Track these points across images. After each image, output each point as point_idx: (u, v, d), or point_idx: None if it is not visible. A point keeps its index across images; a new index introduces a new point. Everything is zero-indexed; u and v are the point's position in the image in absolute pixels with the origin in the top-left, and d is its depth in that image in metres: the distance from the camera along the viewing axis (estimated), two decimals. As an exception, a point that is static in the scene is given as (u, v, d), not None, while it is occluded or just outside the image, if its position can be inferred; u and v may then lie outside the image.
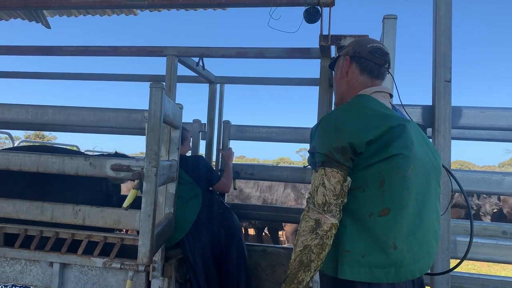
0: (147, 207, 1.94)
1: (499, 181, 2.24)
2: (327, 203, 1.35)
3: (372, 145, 1.36)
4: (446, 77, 2.17)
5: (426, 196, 1.44)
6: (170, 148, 2.47)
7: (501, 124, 2.25)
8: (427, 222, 1.44)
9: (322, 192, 1.36)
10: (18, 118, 2.34)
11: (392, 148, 1.36)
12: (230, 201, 5.94)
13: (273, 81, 3.81)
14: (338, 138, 1.37)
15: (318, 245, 1.33)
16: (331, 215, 1.35)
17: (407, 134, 1.40)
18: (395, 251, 1.35)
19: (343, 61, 1.66)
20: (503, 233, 2.45)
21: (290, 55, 2.76)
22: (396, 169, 1.36)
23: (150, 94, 1.97)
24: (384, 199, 1.36)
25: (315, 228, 1.34)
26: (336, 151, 1.36)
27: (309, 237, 1.35)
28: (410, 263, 1.38)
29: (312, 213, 1.37)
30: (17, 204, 2.25)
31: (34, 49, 3.20)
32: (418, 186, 1.41)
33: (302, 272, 1.34)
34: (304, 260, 1.34)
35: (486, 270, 6.83)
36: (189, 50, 2.81)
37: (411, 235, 1.38)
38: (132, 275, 2.23)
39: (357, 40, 1.68)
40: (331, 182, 1.36)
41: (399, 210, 1.36)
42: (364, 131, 1.36)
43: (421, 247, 1.42)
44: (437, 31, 2.20)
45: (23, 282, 2.39)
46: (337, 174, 1.36)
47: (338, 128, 1.39)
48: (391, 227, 1.35)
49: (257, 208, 4.41)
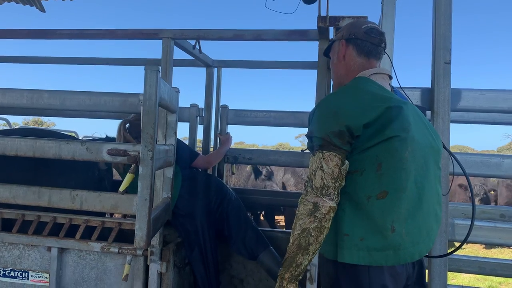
0: (143, 191, 1.93)
1: (498, 164, 2.23)
2: (325, 186, 1.35)
3: (369, 128, 1.35)
4: (445, 59, 2.14)
5: (426, 179, 1.43)
6: (167, 132, 2.44)
7: (501, 107, 2.24)
8: (427, 204, 1.43)
9: (320, 176, 1.36)
10: (13, 102, 2.32)
11: (389, 131, 1.35)
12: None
13: (271, 65, 3.77)
14: (335, 122, 1.37)
15: (317, 228, 1.33)
16: (329, 198, 1.34)
17: (404, 116, 1.39)
18: (393, 233, 1.35)
19: (339, 45, 1.64)
20: (501, 216, 2.46)
21: (288, 37, 2.72)
22: (393, 152, 1.35)
23: (145, 77, 1.94)
24: (382, 182, 1.35)
25: (314, 211, 1.34)
26: (334, 134, 1.36)
27: (307, 220, 1.34)
28: (409, 245, 1.38)
29: (310, 196, 1.37)
30: (14, 189, 2.24)
31: (28, 32, 3.15)
32: (417, 169, 1.40)
33: (301, 256, 1.35)
34: (303, 243, 1.34)
35: (484, 253, 6.89)
36: (185, 33, 2.77)
37: (410, 218, 1.38)
38: (130, 260, 2.24)
39: (351, 22, 1.67)
40: (329, 166, 1.35)
41: (397, 193, 1.35)
42: (361, 114, 1.36)
43: (421, 229, 1.42)
44: (437, 12, 2.16)
45: (22, 267, 2.40)
46: (335, 157, 1.36)
47: (335, 112, 1.38)
48: (389, 210, 1.35)
49: (256, 192, 4.42)
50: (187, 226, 2.72)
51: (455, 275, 5.24)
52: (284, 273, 1.37)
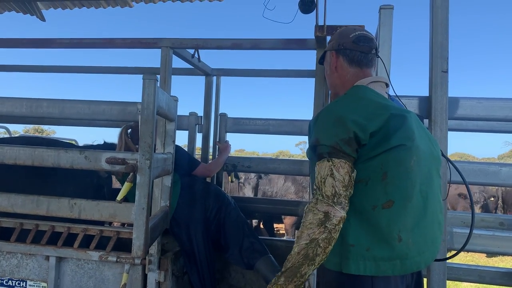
0: (141, 199, 1.93)
1: (496, 172, 2.23)
2: (336, 194, 1.32)
3: (374, 137, 1.34)
4: (443, 67, 2.15)
5: (430, 187, 1.43)
6: (165, 140, 2.45)
7: (498, 115, 2.24)
8: (431, 213, 1.42)
9: (331, 183, 1.32)
10: (12, 111, 2.33)
11: (394, 139, 1.34)
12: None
13: (270, 73, 3.79)
14: (343, 130, 1.35)
15: (326, 239, 1.30)
16: (340, 207, 1.31)
17: (408, 125, 1.38)
18: (400, 243, 1.33)
19: (330, 56, 1.64)
20: (500, 225, 2.45)
21: (285, 46, 2.74)
22: (398, 161, 1.34)
23: (143, 86, 1.95)
24: (387, 191, 1.34)
25: (324, 222, 1.30)
26: (343, 142, 1.34)
27: (317, 230, 1.30)
28: (415, 255, 1.36)
29: (321, 205, 1.32)
30: (12, 198, 2.24)
31: (28, 41, 3.18)
32: (422, 177, 1.39)
33: (306, 266, 1.31)
34: (310, 254, 1.30)
35: (484, 261, 6.86)
36: (184, 42, 2.79)
37: (416, 227, 1.37)
38: (128, 268, 2.22)
39: (339, 31, 1.65)
40: (340, 173, 1.33)
41: (403, 202, 1.34)
42: (367, 123, 1.34)
43: (426, 238, 1.40)
44: (434, 21, 2.17)
45: (20, 276, 2.39)
46: (345, 164, 1.33)
47: (342, 120, 1.36)
48: (395, 219, 1.33)
49: (255, 201, 4.41)
50: (182, 235, 2.70)
51: (455, 284, 5.22)
52: (288, 283, 1.32)
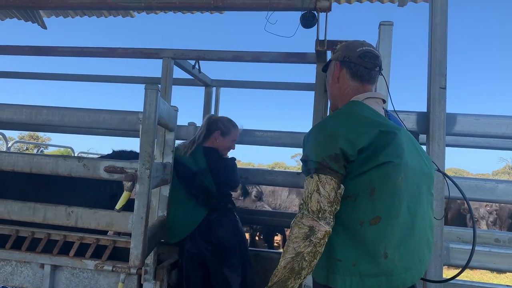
0: (139, 209, 1.92)
1: (492, 189, 2.24)
2: (321, 209, 1.34)
3: (363, 153, 1.36)
4: (441, 84, 2.17)
5: (418, 205, 1.43)
6: (164, 150, 2.46)
7: (495, 132, 2.26)
8: (419, 230, 1.43)
9: (317, 199, 1.35)
10: (12, 118, 2.34)
11: (383, 156, 1.35)
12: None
13: (269, 85, 3.81)
14: (331, 146, 1.36)
15: (311, 252, 1.31)
16: (325, 222, 1.33)
17: (398, 142, 1.39)
18: (386, 259, 1.34)
19: (334, 66, 1.65)
20: (496, 241, 2.45)
21: (286, 60, 2.77)
22: (386, 177, 1.35)
23: (145, 96, 1.96)
24: (375, 208, 1.35)
25: (309, 235, 1.32)
26: (330, 158, 1.35)
27: (302, 244, 1.32)
28: (401, 272, 1.37)
29: (306, 219, 1.34)
30: (9, 205, 2.23)
31: (29, 49, 3.19)
32: (410, 195, 1.40)
33: (293, 280, 1.32)
34: (296, 268, 1.32)
35: (479, 277, 6.83)
36: (185, 53, 2.81)
37: (403, 244, 1.37)
38: (123, 278, 2.22)
39: (347, 44, 1.65)
40: (326, 189, 1.35)
41: (390, 219, 1.35)
42: (356, 139, 1.36)
43: (413, 256, 1.41)
44: (432, 38, 2.21)
45: (14, 283, 2.37)
46: (331, 181, 1.35)
47: (331, 136, 1.38)
48: (382, 236, 1.35)
49: (256, 213, 4.39)
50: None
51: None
52: None
